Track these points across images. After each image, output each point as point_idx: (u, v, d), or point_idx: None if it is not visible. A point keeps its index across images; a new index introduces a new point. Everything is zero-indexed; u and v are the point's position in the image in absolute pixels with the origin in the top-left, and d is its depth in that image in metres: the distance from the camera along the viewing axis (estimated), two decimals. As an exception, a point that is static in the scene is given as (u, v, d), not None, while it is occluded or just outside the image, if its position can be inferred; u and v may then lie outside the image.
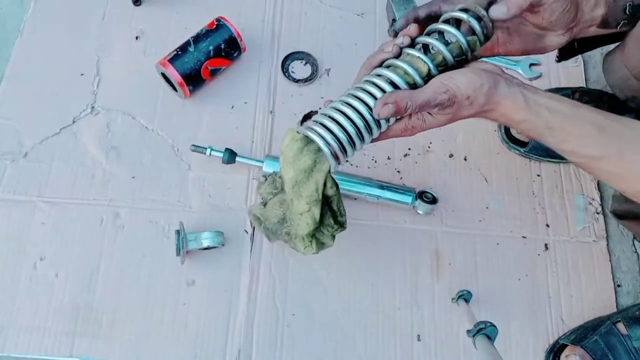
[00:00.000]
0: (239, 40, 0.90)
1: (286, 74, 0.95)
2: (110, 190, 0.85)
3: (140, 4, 0.99)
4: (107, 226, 0.82)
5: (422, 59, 0.57)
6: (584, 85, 0.96)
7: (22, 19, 0.97)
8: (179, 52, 0.87)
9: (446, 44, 0.57)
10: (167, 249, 0.81)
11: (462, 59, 0.58)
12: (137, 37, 0.97)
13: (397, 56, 0.59)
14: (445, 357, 0.78)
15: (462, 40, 0.56)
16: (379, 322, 0.79)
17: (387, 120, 0.58)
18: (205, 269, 0.81)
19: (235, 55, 0.92)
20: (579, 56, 0.98)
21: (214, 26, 0.89)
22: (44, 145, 0.87)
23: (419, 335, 0.79)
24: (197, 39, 0.88)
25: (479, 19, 0.57)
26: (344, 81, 0.95)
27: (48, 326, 0.77)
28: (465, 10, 0.57)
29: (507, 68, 0.97)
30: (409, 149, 0.90)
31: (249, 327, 0.78)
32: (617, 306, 0.82)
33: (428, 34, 0.59)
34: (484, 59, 0.63)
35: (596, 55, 1.00)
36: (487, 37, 0.58)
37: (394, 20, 0.96)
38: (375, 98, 0.56)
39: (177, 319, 0.78)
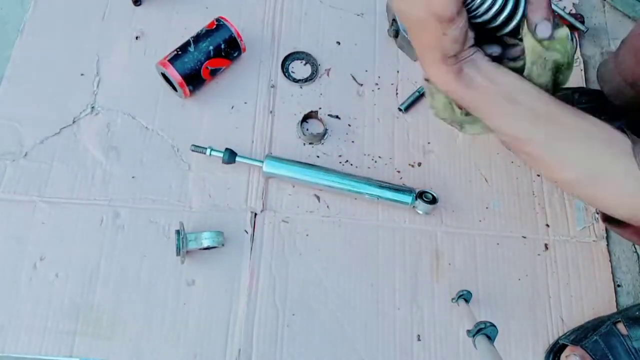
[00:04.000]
0: (239, 40, 0.90)
1: (286, 74, 0.95)
2: (110, 190, 0.85)
3: (140, 4, 0.99)
4: (107, 226, 0.83)
5: None
6: (584, 85, 0.96)
7: (22, 19, 0.97)
8: (179, 52, 0.87)
9: None
10: (167, 249, 0.81)
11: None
12: (137, 37, 0.97)
13: None
14: (445, 357, 0.78)
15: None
16: (379, 322, 0.79)
17: None
18: (205, 269, 0.81)
19: (235, 55, 0.92)
20: (579, 56, 0.98)
21: (214, 26, 0.89)
22: (44, 145, 0.88)
23: (419, 335, 0.79)
24: (197, 39, 0.88)
25: None
26: (344, 81, 0.95)
27: (48, 326, 0.77)
28: None
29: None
30: (409, 149, 0.90)
31: (249, 327, 0.78)
32: (617, 306, 0.82)
33: None
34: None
35: (596, 55, 1.00)
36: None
37: (394, 20, 0.96)
38: None
39: (177, 319, 0.78)
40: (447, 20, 0.52)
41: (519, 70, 0.58)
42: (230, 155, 0.85)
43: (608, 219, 0.81)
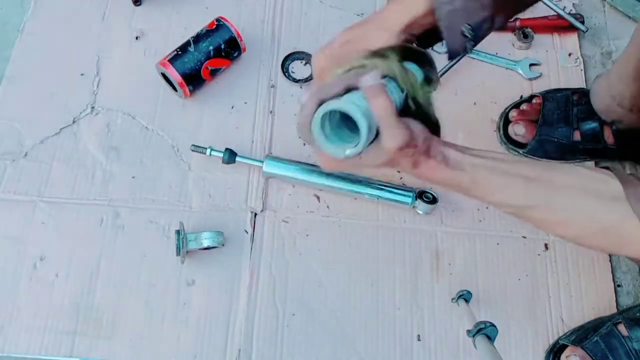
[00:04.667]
0: (239, 40, 0.90)
1: (286, 74, 0.95)
2: (110, 190, 0.85)
3: (140, 4, 0.99)
4: (107, 226, 0.83)
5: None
6: (584, 86, 0.96)
7: (22, 19, 0.97)
8: (179, 52, 0.87)
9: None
10: (167, 249, 0.81)
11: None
12: (137, 37, 0.97)
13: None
14: (445, 357, 0.78)
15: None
16: (379, 322, 0.79)
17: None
18: (205, 269, 0.81)
19: (235, 55, 0.92)
20: (579, 56, 0.98)
21: (214, 26, 0.89)
22: (44, 145, 0.88)
23: (419, 335, 0.79)
24: (197, 39, 0.88)
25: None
26: (344, 81, 0.95)
27: (48, 326, 0.77)
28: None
29: (507, 68, 0.97)
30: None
31: (249, 327, 0.78)
32: (617, 306, 0.82)
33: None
34: None
35: (596, 55, 1.00)
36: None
37: (394, 20, 0.95)
38: None
39: (177, 319, 0.78)
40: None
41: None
42: (230, 155, 0.85)
43: None
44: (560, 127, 0.86)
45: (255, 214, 0.85)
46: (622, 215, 0.52)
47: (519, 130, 0.88)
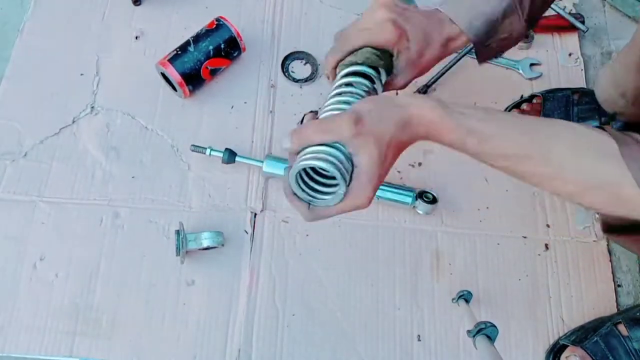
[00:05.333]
0: (238, 40, 0.90)
1: (286, 74, 0.95)
2: (110, 190, 0.85)
3: (140, 4, 0.99)
4: (107, 226, 0.82)
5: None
6: (584, 86, 0.96)
7: (22, 19, 0.97)
8: (179, 52, 0.87)
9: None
10: (167, 249, 0.81)
11: None
12: (137, 37, 0.97)
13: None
14: (445, 357, 0.78)
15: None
16: (379, 322, 0.79)
17: None
18: (205, 269, 0.81)
19: (235, 55, 0.91)
20: (580, 56, 0.98)
21: (214, 26, 0.89)
22: (44, 145, 0.87)
23: (419, 335, 0.79)
24: (197, 38, 0.88)
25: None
26: (344, 81, 0.95)
27: (48, 326, 0.77)
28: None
29: (507, 68, 0.97)
30: (409, 149, 0.90)
31: (249, 327, 0.78)
32: (617, 306, 0.82)
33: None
34: None
35: (596, 55, 1.00)
36: None
37: (394, 20, 0.95)
38: None
39: (177, 319, 0.78)
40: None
41: None
42: (230, 155, 0.85)
43: (608, 229, 0.81)
44: (560, 127, 0.86)
45: (255, 214, 0.85)
46: (618, 173, 0.52)
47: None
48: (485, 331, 0.63)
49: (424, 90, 0.92)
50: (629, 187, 0.52)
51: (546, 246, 0.85)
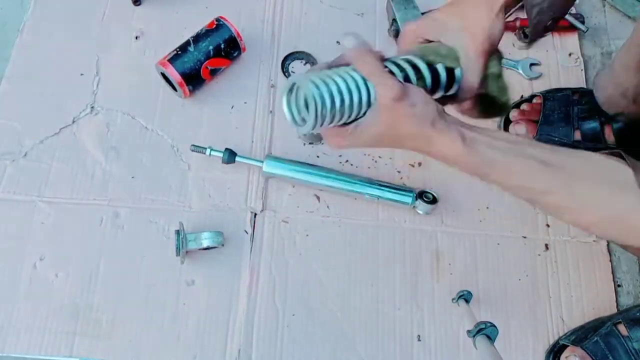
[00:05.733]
0: (238, 40, 0.90)
1: (286, 74, 0.95)
2: (110, 190, 0.85)
3: (140, 4, 0.99)
4: (107, 226, 0.82)
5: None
6: (584, 86, 0.96)
7: (22, 19, 0.97)
8: (179, 52, 0.87)
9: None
10: (167, 249, 0.81)
11: None
12: (137, 37, 0.97)
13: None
14: (445, 357, 0.78)
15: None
16: (379, 322, 0.79)
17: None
18: (205, 269, 0.81)
19: (235, 55, 0.91)
20: (580, 56, 0.98)
21: (214, 26, 0.89)
22: (44, 145, 0.87)
23: (419, 335, 0.79)
24: (197, 38, 0.88)
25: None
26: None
27: (48, 326, 0.77)
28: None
29: (506, 68, 0.97)
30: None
31: (249, 327, 0.78)
32: (617, 306, 0.82)
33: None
34: None
35: (596, 55, 1.00)
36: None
37: (394, 20, 0.96)
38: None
39: (177, 319, 0.78)
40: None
41: None
42: (230, 155, 0.85)
43: None
44: (560, 127, 0.86)
45: (255, 214, 0.85)
46: (634, 203, 0.52)
47: (520, 130, 0.88)
48: (485, 331, 0.63)
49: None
50: None
51: (546, 246, 0.85)
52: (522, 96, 0.94)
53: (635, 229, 0.53)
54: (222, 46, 0.89)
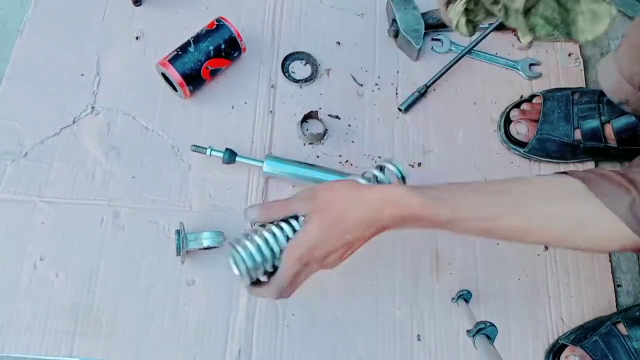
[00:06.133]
0: (239, 40, 0.90)
1: (286, 74, 0.95)
2: (110, 190, 0.85)
3: (140, 4, 0.99)
4: (107, 226, 0.82)
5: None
6: (584, 86, 0.96)
7: (22, 19, 0.97)
8: (179, 52, 0.87)
9: None
10: (167, 249, 0.81)
11: None
12: (137, 37, 0.97)
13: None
14: (445, 357, 0.78)
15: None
16: (379, 322, 0.79)
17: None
18: (205, 269, 0.81)
19: (235, 55, 0.92)
20: (579, 56, 0.98)
21: (214, 26, 0.89)
22: (44, 145, 0.88)
23: (419, 335, 0.79)
24: (197, 39, 0.88)
25: None
26: (344, 81, 0.95)
27: (48, 326, 0.77)
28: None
29: (507, 68, 0.97)
30: (409, 149, 0.90)
31: (249, 327, 0.78)
32: (617, 306, 0.82)
33: None
34: None
35: (596, 55, 1.00)
36: None
37: (394, 20, 0.96)
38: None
39: (177, 319, 0.78)
40: None
41: None
42: (230, 155, 0.85)
43: None
44: (560, 126, 0.86)
45: (255, 214, 0.85)
46: (592, 209, 0.54)
47: (521, 130, 0.88)
48: (485, 331, 0.63)
49: (424, 90, 0.92)
50: (606, 221, 0.54)
51: (546, 246, 0.85)
52: (521, 96, 0.94)
53: (599, 233, 0.55)
54: (223, 46, 0.89)
